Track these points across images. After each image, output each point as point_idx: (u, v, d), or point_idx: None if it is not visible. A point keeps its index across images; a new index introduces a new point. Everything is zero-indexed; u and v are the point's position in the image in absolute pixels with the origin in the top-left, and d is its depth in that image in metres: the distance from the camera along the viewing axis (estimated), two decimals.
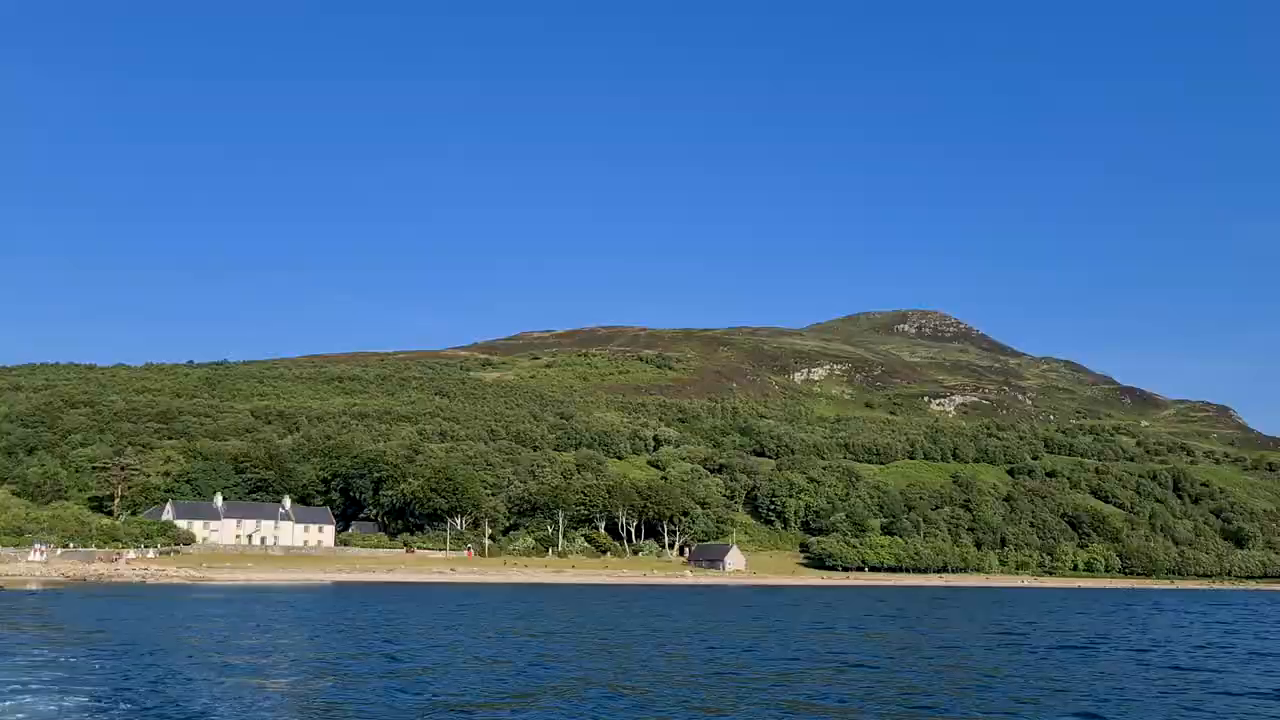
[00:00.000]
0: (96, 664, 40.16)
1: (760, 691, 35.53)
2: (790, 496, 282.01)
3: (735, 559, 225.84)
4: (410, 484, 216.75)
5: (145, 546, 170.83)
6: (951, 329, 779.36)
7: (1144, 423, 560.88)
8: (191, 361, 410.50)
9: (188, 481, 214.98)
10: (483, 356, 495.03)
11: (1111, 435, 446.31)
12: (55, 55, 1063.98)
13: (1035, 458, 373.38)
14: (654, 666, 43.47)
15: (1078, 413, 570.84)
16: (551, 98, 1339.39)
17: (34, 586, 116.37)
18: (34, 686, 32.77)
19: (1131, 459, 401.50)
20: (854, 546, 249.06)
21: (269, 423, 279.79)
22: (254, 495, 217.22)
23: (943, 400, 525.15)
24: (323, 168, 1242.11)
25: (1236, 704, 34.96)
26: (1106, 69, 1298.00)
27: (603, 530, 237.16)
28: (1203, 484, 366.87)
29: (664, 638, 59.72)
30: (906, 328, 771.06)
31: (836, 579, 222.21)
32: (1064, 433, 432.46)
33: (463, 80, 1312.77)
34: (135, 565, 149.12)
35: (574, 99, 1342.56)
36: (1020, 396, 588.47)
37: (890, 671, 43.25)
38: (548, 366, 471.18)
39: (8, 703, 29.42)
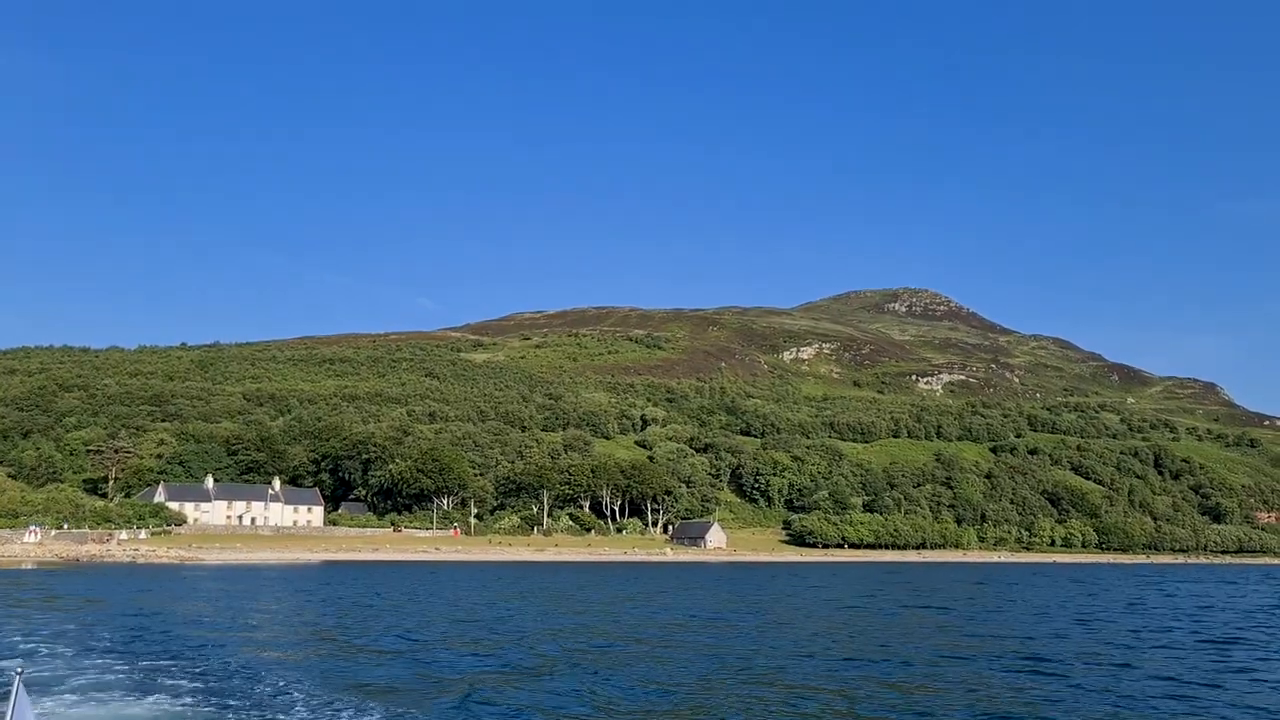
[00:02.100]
0: (103, 632, 45.46)
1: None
2: (774, 475, 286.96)
3: (716, 536, 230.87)
4: (398, 465, 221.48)
5: (137, 527, 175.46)
6: (942, 307, 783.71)
7: (1130, 400, 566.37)
8: (184, 344, 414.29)
9: (180, 463, 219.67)
10: (474, 338, 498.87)
11: (1096, 412, 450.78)
12: (43, 38, 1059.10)
13: (1019, 435, 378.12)
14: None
15: (1065, 390, 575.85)
16: (544, 79, 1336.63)
17: (29, 566, 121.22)
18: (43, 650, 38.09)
19: (1114, 436, 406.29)
20: (834, 524, 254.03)
21: (260, 405, 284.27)
22: (245, 477, 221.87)
23: (930, 379, 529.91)
24: (317, 150, 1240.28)
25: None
26: (1101, 45, 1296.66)
27: (587, 509, 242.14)
28: (1183, 460, 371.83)
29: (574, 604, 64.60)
30: (897, 306, 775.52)
31: (814, 555, 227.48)
32: (1049, 410, 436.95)
33: (455, 64, 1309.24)
34: (126, 546, 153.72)
35: (566, 80, 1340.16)
36: (1008, 374, 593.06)
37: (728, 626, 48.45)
38: (538, 347, 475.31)
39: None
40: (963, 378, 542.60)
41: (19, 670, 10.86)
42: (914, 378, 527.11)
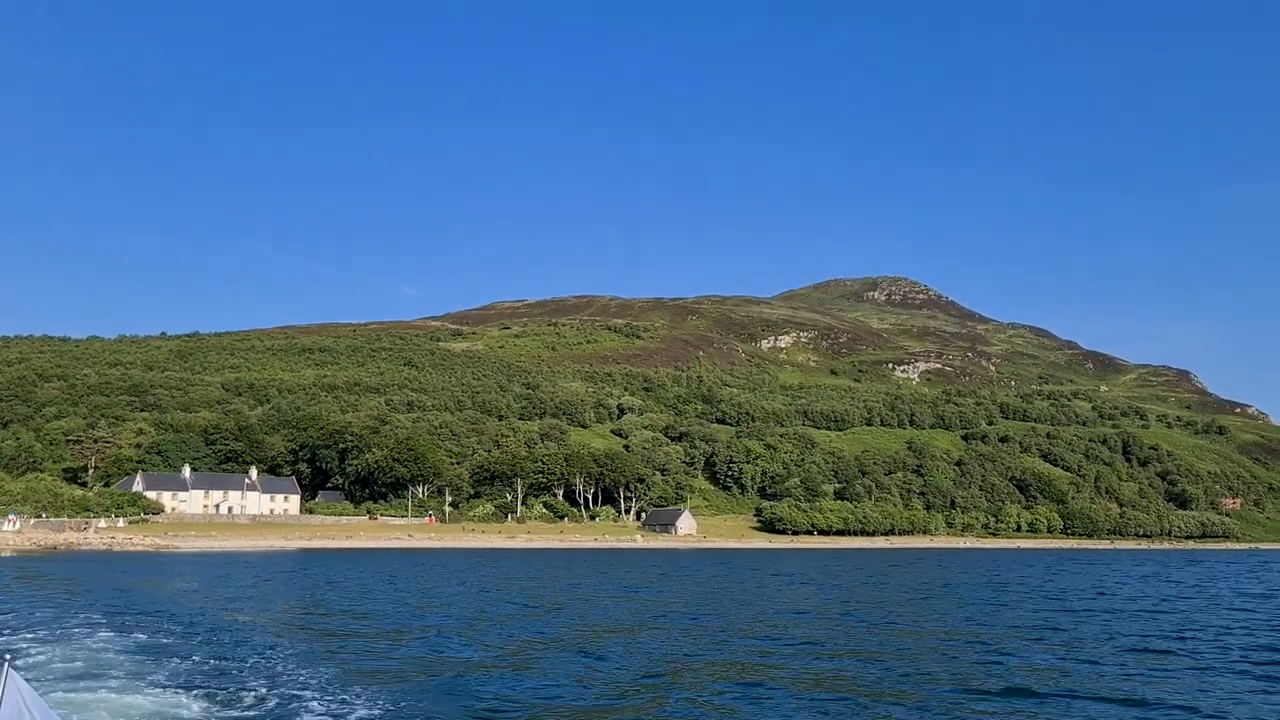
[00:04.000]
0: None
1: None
2: (747, 463, 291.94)
3: (687, 523, 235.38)
4: (375, 454, 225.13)
5: (116, 516, 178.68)
6: (921, 296, 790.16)
7: (1104, 387, 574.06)
8: (164, 334, 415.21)
9: (158, 453, 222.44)
10: (453, 327, 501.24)
11: (1068, 400, 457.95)
12: (43, 37, 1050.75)
13: (990, 423, 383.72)
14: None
15: (1040, 378, 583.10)
16: (526, 72, 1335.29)
17: (6, 555, 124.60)
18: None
19: (1084, 423, 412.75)
20: (804, 511, 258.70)
21: (239, 395, 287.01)
22: (224, 466, 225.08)
23: (907, 367, 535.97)
24: (310, 145, 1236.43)
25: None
26: (1083, 29, 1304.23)
27: (561, 497, 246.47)
28: (1151, 447, 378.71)
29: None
30: (876, 295, 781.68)
31: (783, 542, 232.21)
32: (1022, 398, 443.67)
33: (441, 59, 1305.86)
34: (103, 534, 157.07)
35: (550, 73, 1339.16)
36: (985, 363, 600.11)
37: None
38: (517, 337, 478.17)
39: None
40: (939, 366, 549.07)
41: (7, 658, 10.17)
42: (891, 366, 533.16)
